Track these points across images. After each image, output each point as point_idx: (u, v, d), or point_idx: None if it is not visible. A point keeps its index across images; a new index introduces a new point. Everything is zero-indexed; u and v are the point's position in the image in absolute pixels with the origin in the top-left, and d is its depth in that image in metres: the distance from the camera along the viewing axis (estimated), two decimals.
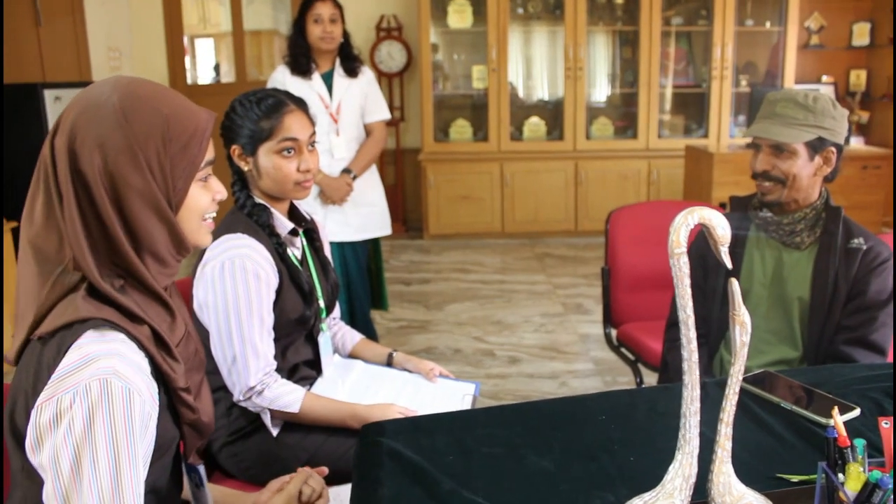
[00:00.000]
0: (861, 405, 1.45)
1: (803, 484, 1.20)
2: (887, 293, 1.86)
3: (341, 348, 2.12)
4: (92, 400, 0.94)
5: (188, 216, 1.12)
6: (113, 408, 0.95)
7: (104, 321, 1.01)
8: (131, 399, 0.97)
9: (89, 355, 0.97)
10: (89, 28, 5.17)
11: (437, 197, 6.11)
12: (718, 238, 0.88)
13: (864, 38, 6.36)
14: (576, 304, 4.60)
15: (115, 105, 1.04)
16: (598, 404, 1.48)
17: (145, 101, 1.06)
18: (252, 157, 1.81)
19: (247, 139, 1.80)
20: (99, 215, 1.03)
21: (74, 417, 0.93)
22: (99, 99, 1.05)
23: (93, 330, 1.00)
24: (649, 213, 3.00)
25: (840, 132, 1.85)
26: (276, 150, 1.79)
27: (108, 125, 1.03)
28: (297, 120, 1.81)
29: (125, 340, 1.02)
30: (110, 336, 1.01)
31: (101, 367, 0.96)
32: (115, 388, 0.95)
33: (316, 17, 3.08)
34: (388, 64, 6.33)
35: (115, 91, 1.05)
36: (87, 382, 0.94)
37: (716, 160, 5.00)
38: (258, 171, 1.81)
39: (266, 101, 1.80)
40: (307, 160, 1.83)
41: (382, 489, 1.19)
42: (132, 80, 1.09)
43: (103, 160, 1.02)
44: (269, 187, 1.83)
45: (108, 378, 0.95)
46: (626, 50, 6.43)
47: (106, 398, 0.94)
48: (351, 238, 3.24)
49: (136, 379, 0.99)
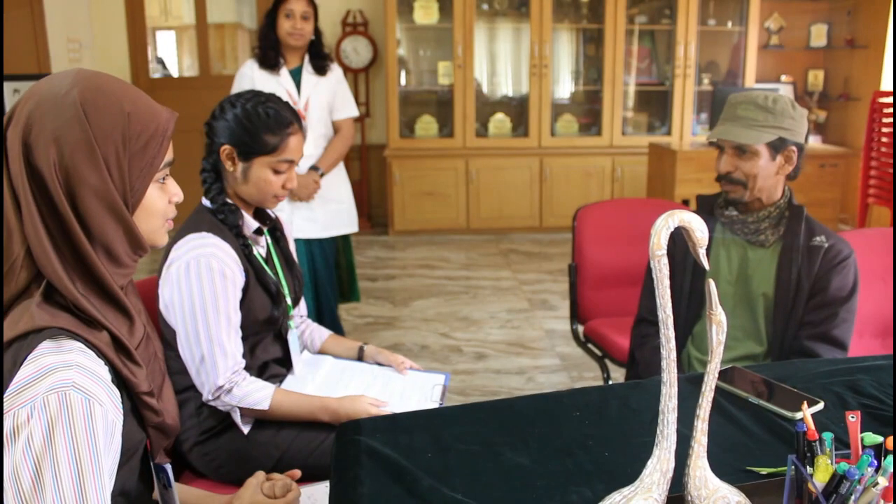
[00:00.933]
0: (825, 398, 1.50)
1: (772, 476, 1.23)
2: (847, 290, 1.91)
3: (310, 345, 2.12)
4: (51, 414, 0.90)
5: (145, 217, 1.09)
6: (73, 421, 0.92)
7: (60, 330, 0.97)
8: (92, 410, 0.94)
9: (46, 367, 0.93)
10: (48, 18, 5.07)
11: (403, 193, 6.11)
12: (697, 240, 0.91)
13: (822, 39, 6.50)
14: (541, 300, 4.64)
15: (74, 99, 1.00)
16: (572, 401, 1.50)
17: (107, 97, 1.02)
18: (243, 164, 1.80)
19: (244, 145, 1.79)
20: (57, 212, 0.99)
21: (33, 432, 0.90)
22: (58, 91, 1.01)
23: (49, 340, 0.96)
24: (616, 210, 3.04)
25: (800, 131, 1.90)
26: (271, 166, 1.80)
27: (66, 119, 0.99)
28: (298, 142, 1.85)
29: (83, 349, 0.98)
30: (67, 346, 0.97)
31: (58, 380, 0.92)
32: (74, 401, 0.92)
33: (288, 13, 3.07)
34: (354, 59, 6.30)
35: (75, 84, 1.02)
36: (45, 396, 0.91)
37: (679, 158, 5.07)
38: (245, 178, 1.81)
39: (276, 115, 1.80)
40: (293, 179, 1.86)
41: (362, 488, 1.20)
42: (94, 73, 1.05)
43: (59, 155, 0.98)
44: (249, 194, 1.83)
45: (66, 391, 0.92)
46: (591, 47, 6.49)
47: (66, 411, 0.91)
48: (318, 235, 3.24)
49: (95, 389, 0.95)
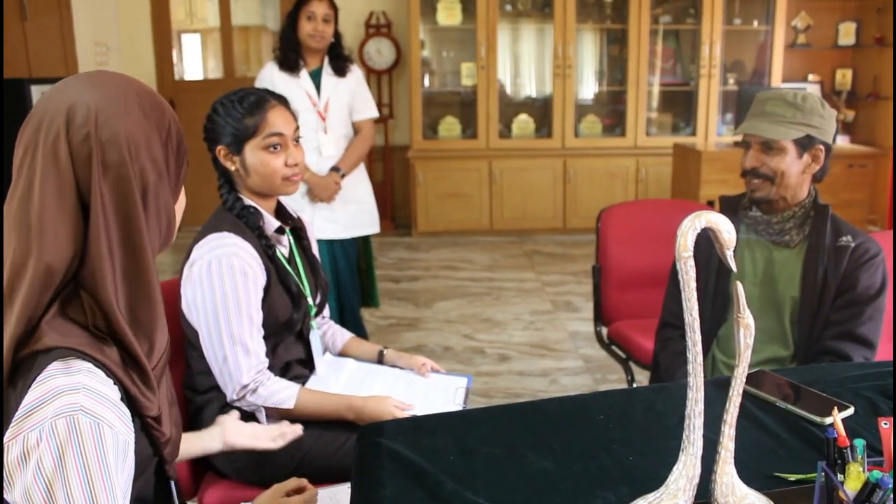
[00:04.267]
0: (855, 404, 1.47)
1: (801, 483, 1.21)
2: (876, 288, 1.88)
3: (331, 347, 2.12)
4: (60, 439, 0.90)
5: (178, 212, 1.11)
6: (83, 444, 0.91)
7: (70, 350, 0.95)
8: (102, 433, 0.93)
9: (53, 390, 0.92)
10: (76, 23, 5.12)
11: (426, 194, 6.11)
12: (725, 242, 0.89)
13: (850, 37, 6.41)
14: (565, 302, 4.61)
15: (135, 100, 1.01)
16: (597, 404, 1.48)
17: (156, 98, 1.05)
18: (238, 156, 1.80)
19: (231, 138, 1.79)
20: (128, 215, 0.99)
21: (43, 456, 0.89)
22: (115, 92, 1.01)
23: (58, 361, 0.94)
24: (640, 211, 3.01)
25: (828, 131, 1.87)
26: (262, 147, 1.79)
27: (134, 121, 0.99)
28: (280, 115, 1.82)
29: (91, 370, 0.96)
30: (76, 367, 0.95)
31: (66, 404, 0.91)
32: (83, 425, 0.91)
33: (310, 15, 3.07)
34: (377, 61, 6.31)
35: (129, 85, 1.03)
36: (52, 421, 0.90)
37: (704, 158, 5.02)
38: (246, 170, 1.81)
39: (247, 98, 1.80)
40: (294, 154, 1.83)
41: (384, 490, 1.19)
42: (129, 77, 1.06)
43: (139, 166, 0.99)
44: (257, 184, 1.82)
45: (74, 415, 0.91)
46: (615, 48, 6.45)
47: (75, 435, 0.90)
48: (339, 235, 3.24)
49: (104, 411, 0.94)
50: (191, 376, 1.81)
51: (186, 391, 1.82)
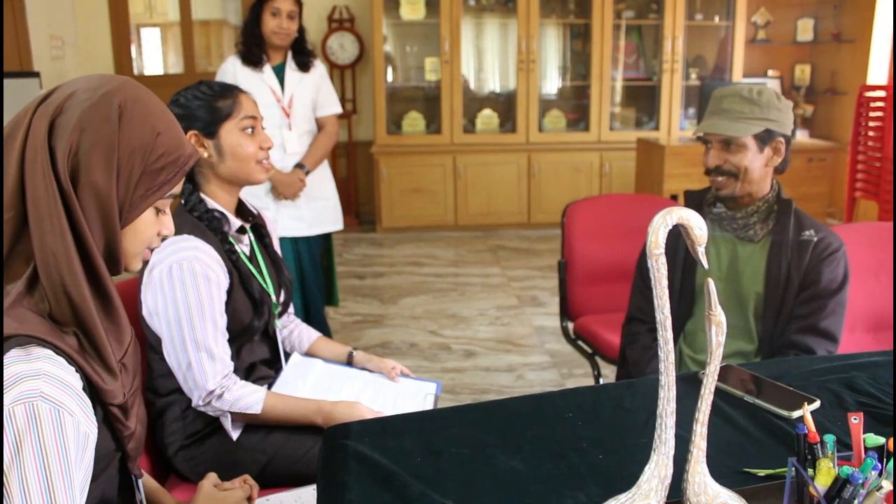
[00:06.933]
0: (820, 397, 1.47)
1: (770, 478, 1.20)
2: (838, 282, 1.90)
3: (298, 346, 2.08)
4: (18, 426, 0.87)
5: (131, 237, 1.07)
6: (42, 432, 0.88)
7: (28, 337, 0.93)
8: (62, 421, 0.90)
9: (13, 377, 0.90)
10: (29, 15, 4.99)
11: (390, 190, 6.07)
12: (696, 238, 0.88)
13: (809, 33, 6.50)
14: (530, 297, 4.61)
15: (114, 99, 1.02)
16: (565, 401, 1.47)
17: (145, 109, 1.05)
18: (212, 140, 1.76)
19: (205, 122, 1.75)
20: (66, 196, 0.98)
21: None
22: (101, 88, 1.03)
23: (17, 348, 0.92)
24: (605, 206, 3.01)
25: (786, 123, 1.89)
26: (238, 127, 1.77)
27: (99, 114, 1.00)
28: (249, 101, 1.82)
29: (51, 356, 0.94)
30: (36, 353, 0.93)
31: (25, 390, 0.89)
32: (42, 412, 0.89)
33: (274, 11, 3.02)
34: (340, 55, 6.26)
35: (120, 88, 1.04)
36: (11, 407, 0.88)
37: (667, 153, 5.06)
38: (220, 153, 1.76)
39: (214, 84, 1.79)
40: (267, 139, 1.82)
41: (350, 493, 1.16)
42: (141, 87, 1.09)
43: (78, 144, 0.98)
44: (231, 169, 1.77)
45: (33, 402, 0.88)
46: (578, 43, 6.46)
47: (34, 423, 0.88)
48: (304, 233, 3.21)
49: (65, 399, 0.92)
50: (152, 379, 1.76)
51: (148, 394, 1.77)
